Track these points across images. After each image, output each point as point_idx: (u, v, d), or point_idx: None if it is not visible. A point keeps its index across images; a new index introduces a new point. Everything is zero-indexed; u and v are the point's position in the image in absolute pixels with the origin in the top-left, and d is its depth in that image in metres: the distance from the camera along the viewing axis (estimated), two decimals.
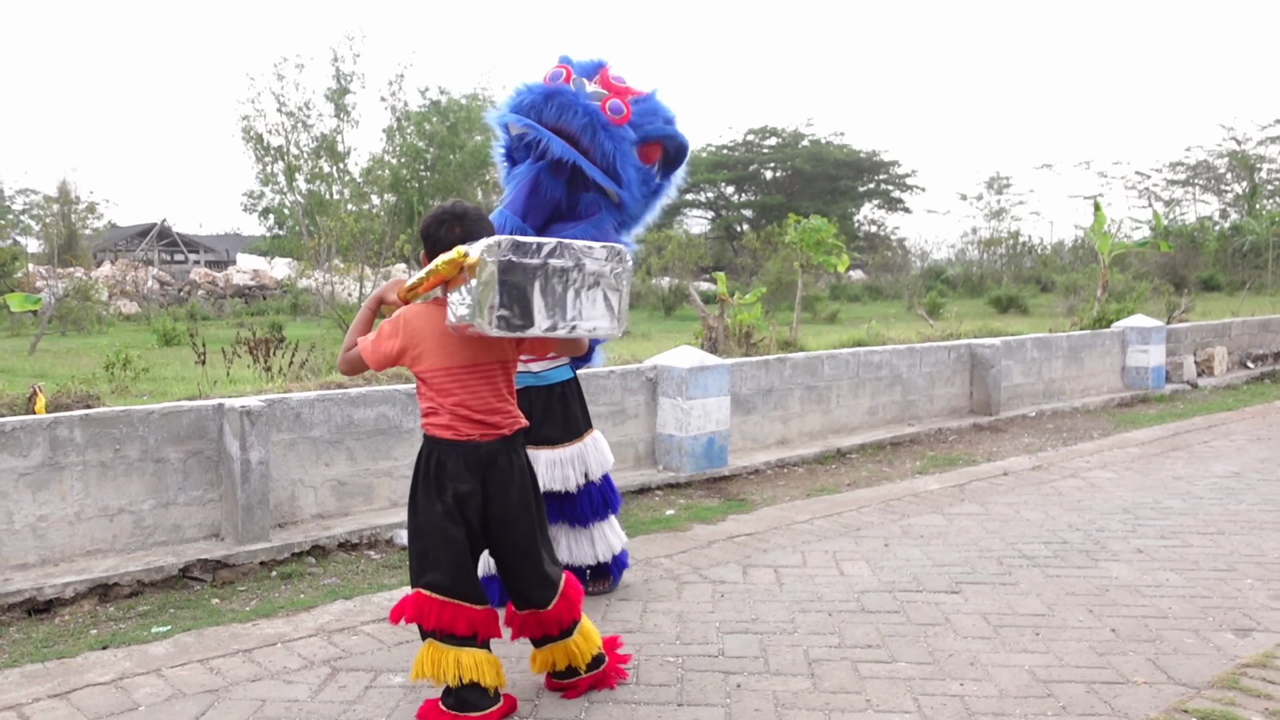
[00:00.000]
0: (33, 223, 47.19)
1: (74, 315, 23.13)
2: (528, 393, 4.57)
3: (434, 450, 3.43)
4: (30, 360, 14.99)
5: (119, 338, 19.16)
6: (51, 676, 3.89)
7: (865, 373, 8.72)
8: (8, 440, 4.74)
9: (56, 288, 26.03)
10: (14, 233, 45.83)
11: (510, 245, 3.13)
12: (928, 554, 5.51)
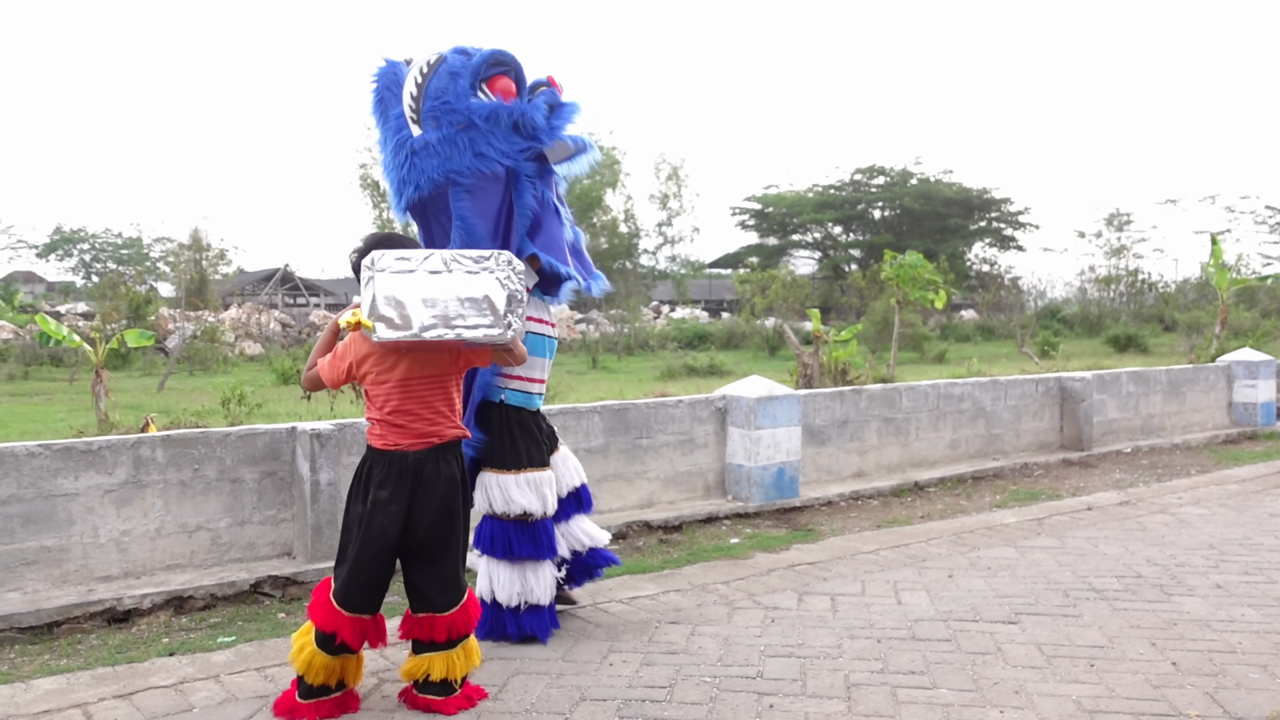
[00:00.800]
0: (167, 269, 49.66)
1: (201, 356, 24.24)
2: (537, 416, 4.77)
3: (367, 458, 3.77)
4: (157, 397, 15.80)
5: (241, 376, 20.01)
6: (119, 679, 4.11)
7: (946, 405, 8.58)
8: (95, 459, 5.04)
9: (185, 330, 27.39)
10: (150, 278, 48.39)
11: (388, 258, 3.54)
12: (992, 585, 5.39)
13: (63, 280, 54.66)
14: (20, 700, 3.89)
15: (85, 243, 55.43)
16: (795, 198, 52.05)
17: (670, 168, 49.54)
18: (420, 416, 3.69)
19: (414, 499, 3.65)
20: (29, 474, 4.87)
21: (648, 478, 6.86)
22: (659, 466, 6.90)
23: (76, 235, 55.29)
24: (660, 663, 4.26)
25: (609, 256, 48.98)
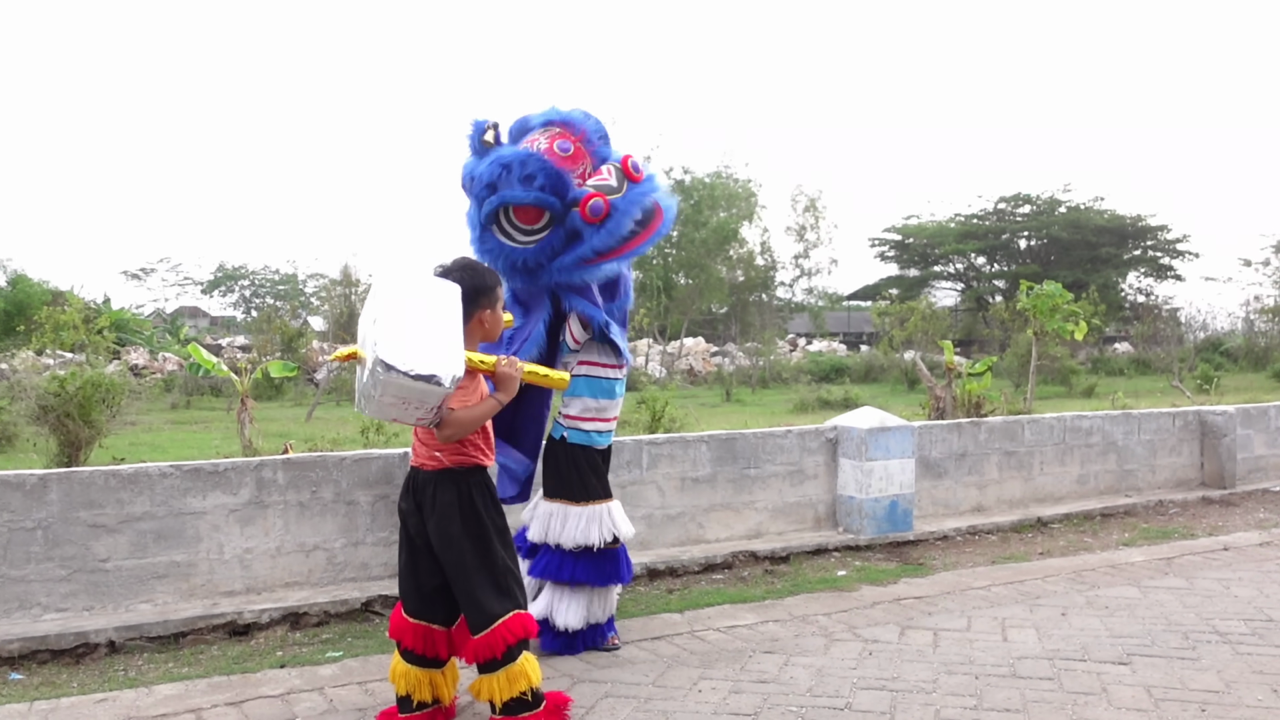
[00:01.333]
0: (320, 303, 51.90)
1: (348, 387, 25.27)
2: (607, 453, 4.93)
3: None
4: (304, 425, 16.54)
5: None
6: (232, 688, 4.34)
7: (1073, 439, 8.28)
8: (221, 479, 5.34)
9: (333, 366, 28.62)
10: (304, 312, 50.71)
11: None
12: (1107, 625, 5.18)
13: (225, 315, 57.83)
14: (141, 704, 4.15)
15: (246, 279, 58.56)
16: (936, 228, 51.01)
17: (807, 199, 49.31)
18: (424, 442, 3.79)
19: (423, 516, 3.77)
20: (161, 493, 5.20)
21: (755, 508, 6.84)
22: (767, 497, 6.88)
23: (238, 272, 58.47)
24: (749, 691, 4.25)
25: (745, 289, 48.95)
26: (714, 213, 45.33)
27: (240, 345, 37.97)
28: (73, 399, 13.42)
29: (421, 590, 3.83)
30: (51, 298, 30.36)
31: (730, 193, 46.42)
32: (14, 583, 4.91)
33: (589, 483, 4.77)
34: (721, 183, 45.67)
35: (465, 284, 3.76)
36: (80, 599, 5.03)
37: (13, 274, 32.66)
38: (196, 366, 12.32)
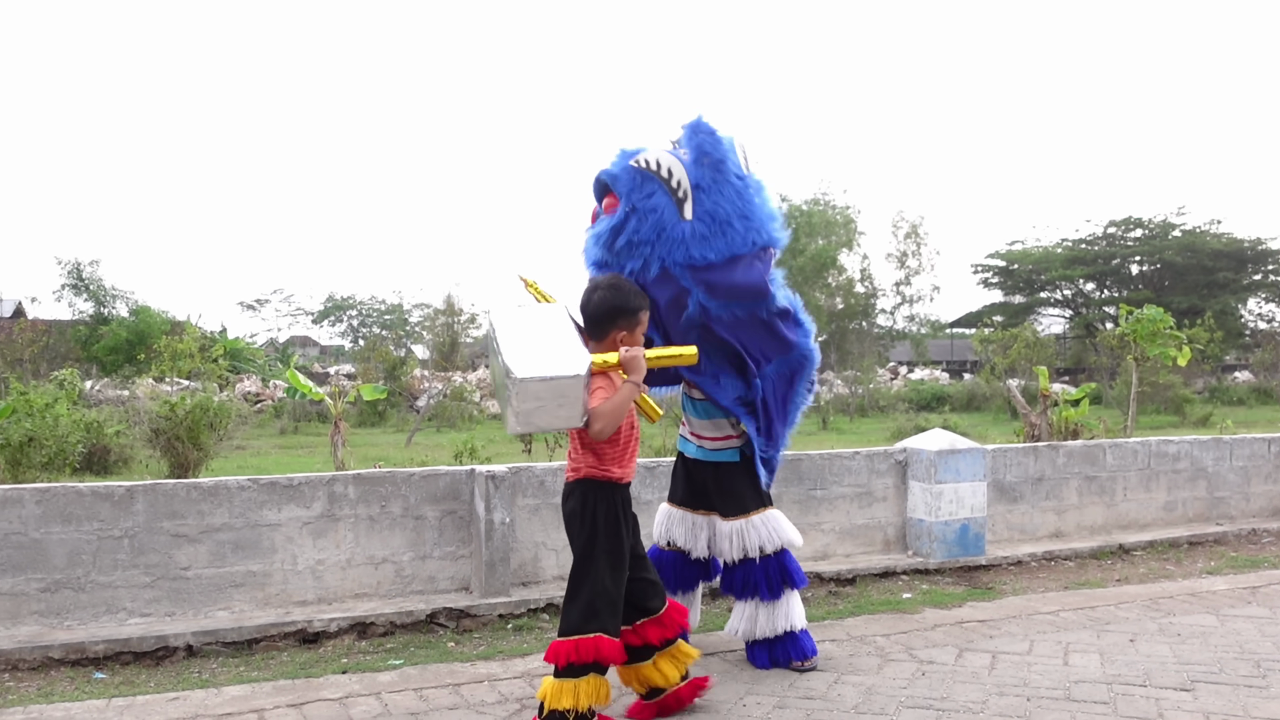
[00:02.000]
0: (424, 332, 53.16)
1: (448, 413, 25.83)
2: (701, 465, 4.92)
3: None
4: (404, 450, 16.99)
5: (482, 433, 21.22)
6: (295, 691, 4.53)
7: (1159, 464, 8.05)
8: (296, 493, 5.58)
9: (435, 390, 29.31)
10: (408, 341, 52.00)
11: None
12: (1176, 652, 5.04)
13: (334, 344, 59.59)
14: (210, 703, 4.36)
15: (354, 309, 60.29)
16: (1042, 253, 49.80)
17: (909, 225, 48.71)
18: (570, 453, 4.09)
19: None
20: (239, 505, 5.46)
21: (822, 529, 6.82)
22: (834, 518, 6.86)
23: (346, 302, 60.24)
24: (794, 707, 4.27)
25: (844, 316, 48.47)
26: (811, 240, 45.15)
27: (346, 373, 39.07)
28: (182, 423, 14.05)
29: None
30: (170, 327, 31.72)
31: (828, 220, 46.17)
32: (102, 588, 5.20)
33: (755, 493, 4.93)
34: (819, 210, 45.46)
35: (605, 302, 4.02)
36: (162, 605, 5.30)
37: (135, 305, 34.23)
38: (295, 390, 12.77)
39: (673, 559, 4.92)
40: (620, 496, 4.01)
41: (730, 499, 4.80)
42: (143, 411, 16.34)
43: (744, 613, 4.78)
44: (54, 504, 5.13)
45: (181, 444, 13.80)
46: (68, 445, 11.70)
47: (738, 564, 4.74)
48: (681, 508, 4.92)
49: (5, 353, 24.29)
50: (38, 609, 5.09)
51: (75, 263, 33.90)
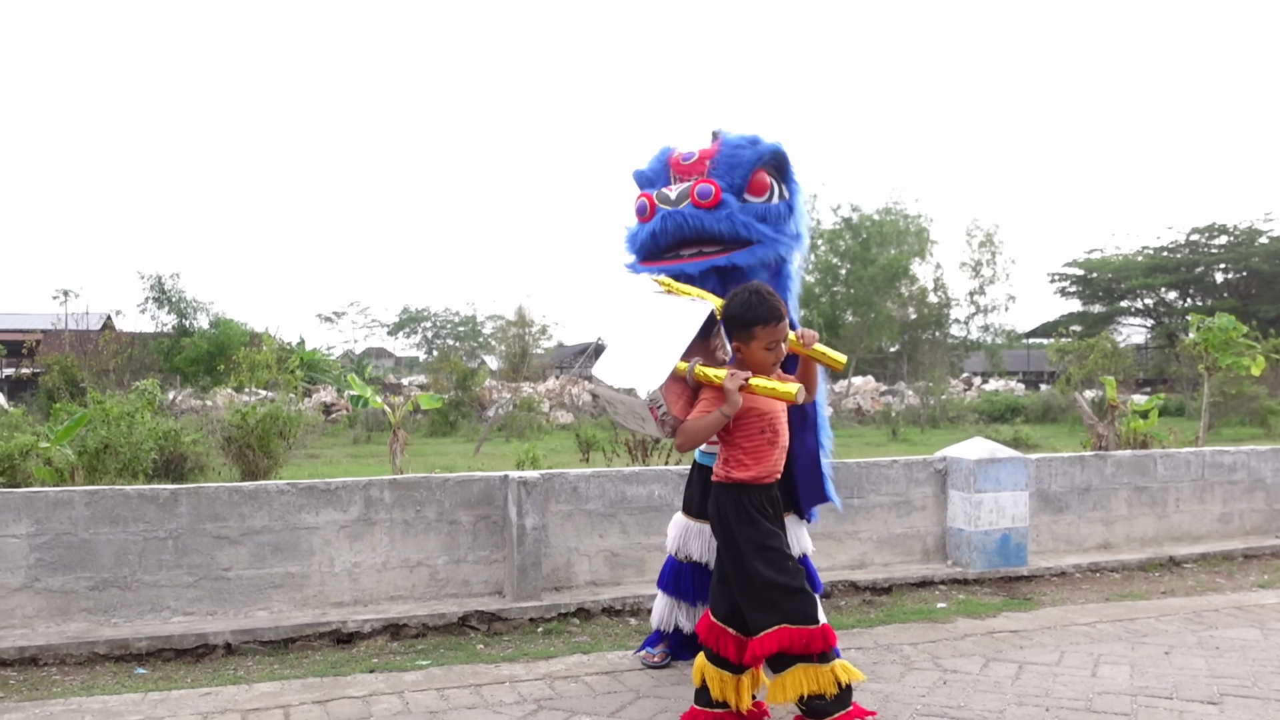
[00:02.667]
0: (497, 343, 53.86)
1: (517, 423, 26.13)
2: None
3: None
4: (472, 459, 17.26)
5: (548, 443, 21.45)
6: (323, 689, 4.66)
7: (1213, 475, 7.85)
8: (333, 497, 5.74)
9: (504, 400, 29.67)
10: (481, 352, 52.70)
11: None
12: (1211, 665, 4.93)
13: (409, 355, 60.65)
14: (239, 698, 4.51)
15: (428, 321, 61.30)
16: (1122, 262, 48.71)
17: (984, 233, 48.04)
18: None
19: None
20: (278, 508, 5.63)
21: (859, 538, 6.80)
22: (871, 527, 6.83)
23: (421, 314, 61.26)
24: None
25: (916, 326, 47.94)
26: (883, 250, 44.74)
27: (419, 384, 39.70)
28: (253, 431, 14.45)
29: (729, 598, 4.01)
30: (249, 339, 32.59)
31: (899, 229, 45.73)
32: (147, 587, 5.41)
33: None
34: (891, 219, 45.04)
35: (728, 310, 3.99)
36: (205, 604, 5.49)
37: (215, 317, 35.24)
38: (360, 400, 13.09)
39: (691, 570, 4.83)
40: (749, 497, 3.94)
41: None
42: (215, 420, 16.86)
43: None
44: (102, 506, 5.35)
45: (252, 452, 14.21)
46: (141, 452, 12.08)
47: None
48: (698, 519, 4.83)
49: (91, 364, 25.16)
50: (86, 606, 5.31)
51: (157, 276, 35.05)
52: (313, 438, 22.32)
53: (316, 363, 37.59)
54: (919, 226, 46.53)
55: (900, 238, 45.53)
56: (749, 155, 4.55)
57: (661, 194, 4.57)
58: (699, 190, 4.46)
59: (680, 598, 4.84)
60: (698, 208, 4.45)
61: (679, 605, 4.85)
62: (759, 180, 4.57)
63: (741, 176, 4.54)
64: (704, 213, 4.45)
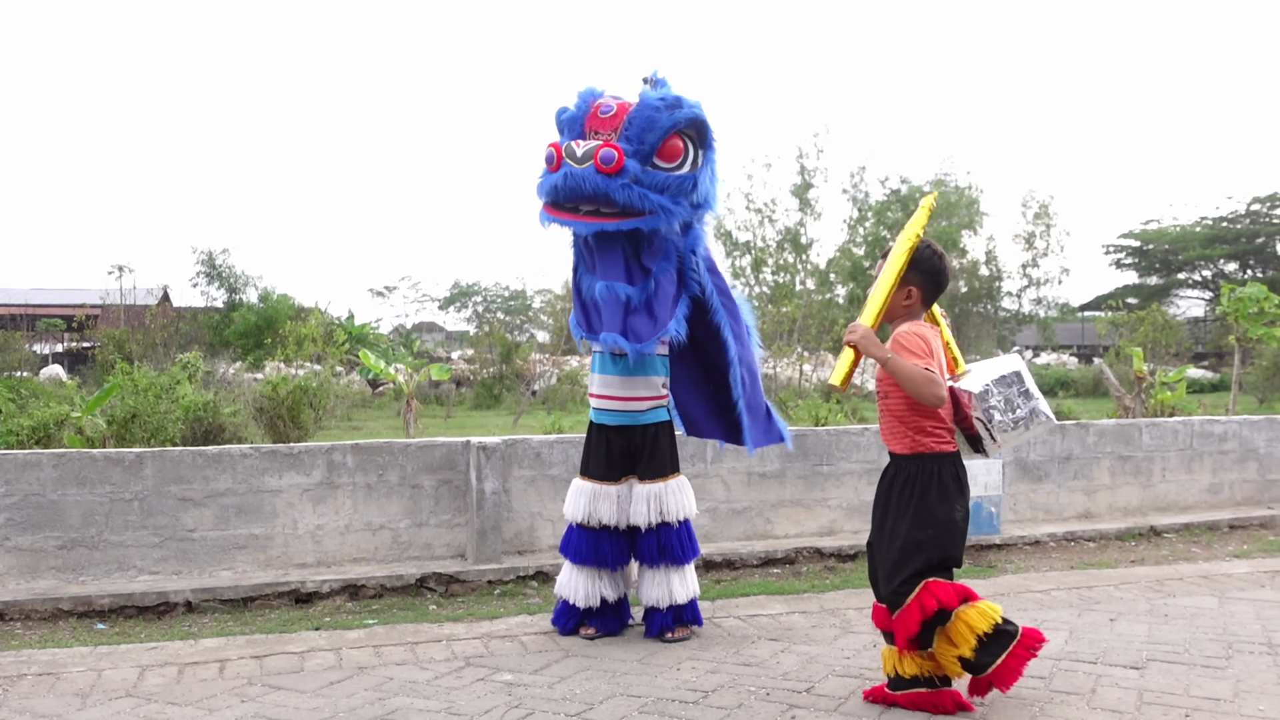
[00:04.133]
0: (545, 317, 54.13)
1: (559, 396, 26.34)
2: (628, 431, 4.88)
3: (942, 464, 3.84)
4: (510, 429, 17.48)
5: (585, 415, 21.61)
6: (265, 645, 4.81)
7: (1202, 445, 7.72)
8: (296, 461, 5.89)
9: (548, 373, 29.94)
10: (531, 326, 53.00)
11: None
12: (1152, 632, 4.89)
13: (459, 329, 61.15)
14: (182, 652, 4.68)
15: (478, 295, 61.74)
16: (1179, 233, 47.52)
17: (1038, 205, 47.16)
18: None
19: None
20: (242, 471, 5.79)
21: (828, 505, 6.81)
22: (841, 494, 6.83)
23: (471, 289, 61.73)
24: (725, 672, 4.33)
25: (967, 300, 47.25)
26: (932, 223, 44.16)
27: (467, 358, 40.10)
28: (283, 402, 14.75)
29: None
30: (295, 313, 33.13)
31: (950, 201, 45.07)
32: (115, 547, 5.60)
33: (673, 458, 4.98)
34: (941, 192, 44.40)
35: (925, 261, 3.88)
36: (170, 564, 5.67)
37: (264, 291, 35.87)
38: (366, 370, 13.31)
39: (599, 536, 4.81)
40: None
41: (655, 461, 4.83)
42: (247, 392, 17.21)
43: (656, 579, 4.79)
44: (70, 468, 5.54)
45: (283, 422, 14.52)
46: (168, 422, 12.39)
47: (654, 529, 4.77)
48: (601, 481, 4.84)
49: (139, 338, 25.81)
50: (55, 564, 5.52)
51: (208, 252, 35.74)
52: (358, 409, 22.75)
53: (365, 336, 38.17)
54: (970, 198, 45.83)
55: (950, 210, 44.89)
56: (664, 120, 4.50)
57: (569, 148, 4.54)
58: (602, 155, 4.44)
59: (601, 565, 4.82)
60: (598, 172, 4.44)
61: (600, 575, 4.84)
62: (671, 146, 4.55)
63: (652, 142, 4.50)
64: (603, 178, 4.43)
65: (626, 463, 4.88)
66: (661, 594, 4.79)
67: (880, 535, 3.91)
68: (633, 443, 4.86)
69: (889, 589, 3.79)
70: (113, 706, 3.96)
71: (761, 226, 45.50)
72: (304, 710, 3.91)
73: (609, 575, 4.86)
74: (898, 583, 3.75)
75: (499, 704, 3.95)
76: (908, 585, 3.73)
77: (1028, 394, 3.93)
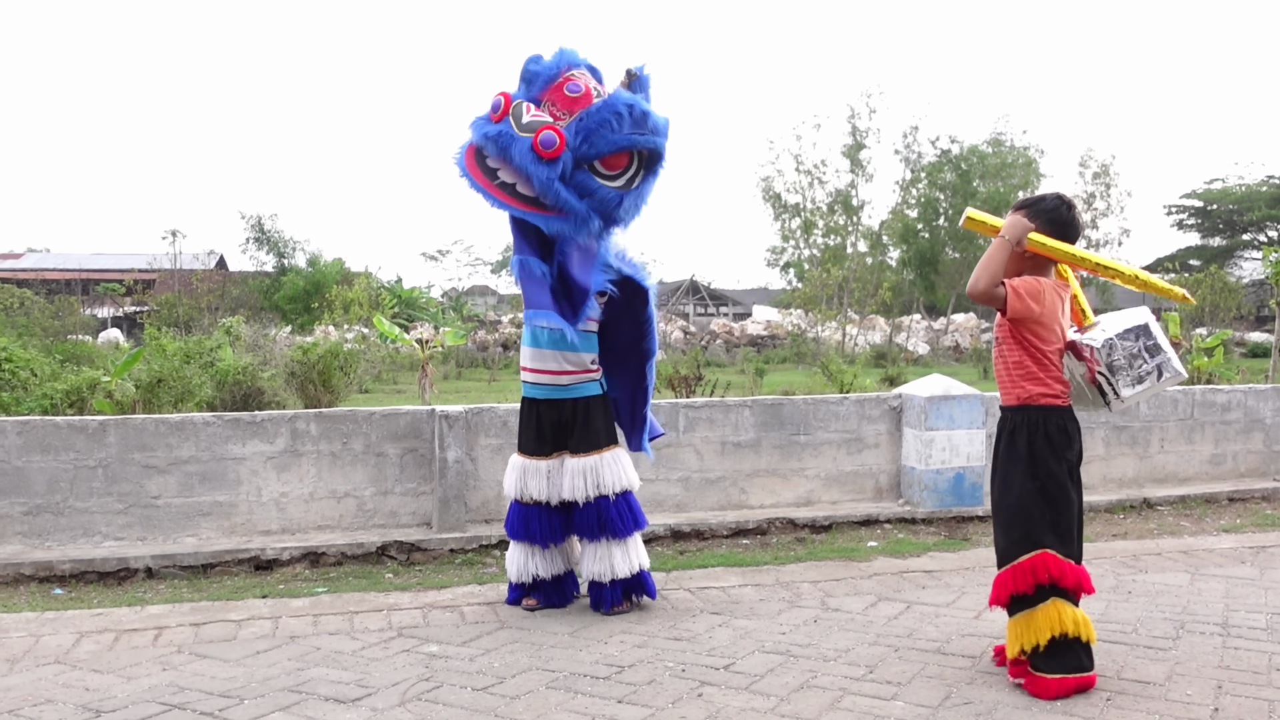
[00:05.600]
0: None
1: None
2: (557, 405, 4.77)
3: (1053, 416, 3.73)
4: None
5: None
6: (208, 612, 4.85)
7: (1204, 415, 7.45)
8: (259, 429, 5.92)
9: None
10: None
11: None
12: (1108, 610, 4.73)
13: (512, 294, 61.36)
14: (124, 619, 4.73)
15: None
16: (1245, 192, 45.98)
17: (1098, 164, 45.97)
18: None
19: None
20: (205, 439, 5.84)
21: (806, 475, 6.69)
22: (819, 464, 6.71)
23: None
24: (652, 646, 4.27)
25: None
26: (987, 183, 43.23)
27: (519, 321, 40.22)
28: (314, 366, 14.91)
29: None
30: (342, 277, 33.48)
31: (1005, 162, 44.07)
32: (79, 513, 5.69)
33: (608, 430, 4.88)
34: (996, 152, 43.41)
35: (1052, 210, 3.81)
36: (135, 530, 5.75)
37: (311, 255, 36.30)
38: (384, 335, 13.39)
39: (536, 513, 4.75)
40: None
41: (588, 434, 4.72)
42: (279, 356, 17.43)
43: (598, 553, 4.70)
44: (33, 435, 5.62)
45: (314, 386, 14.70)
46: (194, 386, 12.58)
47: (591, 502, 4.67)
48: (533, 457, 4.75)
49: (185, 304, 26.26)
50: (21, 530, 5.62)
51: (257, 217, 36.22)
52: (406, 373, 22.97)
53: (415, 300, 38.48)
54: (1027, 158, 44.78)
55: (1005, 170, 43.92)
56: (619, 138, 4.40)
57: (518, 108, 4.42)
58: (543, 138, 4.31)
59: (531, 541, 4.76)
60: (532, 150, 4.32)
61: (531, 551, 4.79)
62: (617, 160, 4.48)
63: (600, 150, 4.41)
64: (533, 159, 4.31)
65: (558, 437, 4.77)
66: (603, 568, 4.71)
67: (995, 491, 3.85)
68: (563, 416, 4.76)
69: (1006, 541, 3.74)
70: (37, 673, 4.02)
71: (811, 189, 44.95)
72: (219, 679, 3.93)
73: (540, 551, 4.78)
74: (1015, 536, 3.70)
75: (411, 676, 3.94)
76: (1020, 548, 3.68)
77: (1155, 348, 3.80)
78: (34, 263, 44.26)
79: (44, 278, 34.47)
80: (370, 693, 3.77)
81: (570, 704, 3.65)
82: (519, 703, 3.66)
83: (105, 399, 11.11)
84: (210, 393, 13.30)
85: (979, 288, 3.68)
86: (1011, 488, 3.73)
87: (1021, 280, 3.70)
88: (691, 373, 15.44)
